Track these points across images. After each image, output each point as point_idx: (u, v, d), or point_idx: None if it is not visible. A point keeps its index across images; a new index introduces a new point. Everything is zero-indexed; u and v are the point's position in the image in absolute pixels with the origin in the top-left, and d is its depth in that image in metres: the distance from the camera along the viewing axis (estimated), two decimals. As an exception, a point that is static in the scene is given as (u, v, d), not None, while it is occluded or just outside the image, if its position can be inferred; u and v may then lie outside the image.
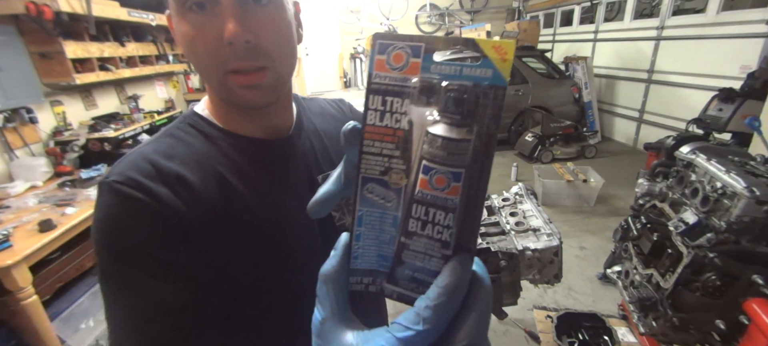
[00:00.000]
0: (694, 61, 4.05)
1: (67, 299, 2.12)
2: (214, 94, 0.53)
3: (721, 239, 1.07)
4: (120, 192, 0.43)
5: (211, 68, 0.46)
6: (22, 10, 2.05)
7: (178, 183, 0.45)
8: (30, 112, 2.33)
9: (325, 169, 0.59)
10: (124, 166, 0.45)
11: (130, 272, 0.42)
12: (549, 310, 2.08)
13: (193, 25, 0.44)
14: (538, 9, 7.27)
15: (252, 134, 0.53)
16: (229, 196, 0.48)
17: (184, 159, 0.48)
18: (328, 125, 0.65)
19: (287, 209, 0.53)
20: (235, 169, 0.50)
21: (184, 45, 0.46)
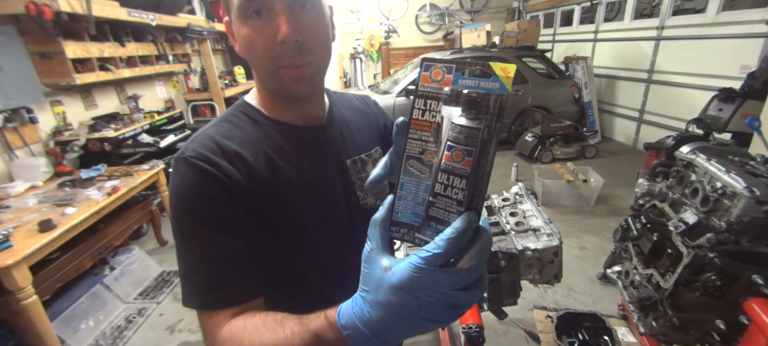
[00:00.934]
0: (694, 61, 4.05)
1: (67, 299, 2.12)
2: (263, 87, 0.63)
3: (721, 239, 1.07)
4: (194, 165, 0.53)
5: (265, 64, 0.56)
6: (22, 10, 2.05)
7: (236, 159, 0.56)
8: (30, 112, 2.33)
9: (353, 154, 0.69)
10: (196, 144, 0.56)
11: (204, 228, 0.52)
12: (549, 310, 2.08)
13: (252, 28, 0.54)
14: (538, 9, 7.27)
15: (292, 121, 0.64)
16: (275, 171, 0.59)
17: (240, 140, 0.58)
18: (355, 117, 0.74)
19: (320, 186, 0.63)
20: (279, 150, 0.61)
21: (244, 45, 0.56)
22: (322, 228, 0.63)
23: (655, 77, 4.61)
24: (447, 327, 1.93)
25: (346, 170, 0.67)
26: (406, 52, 8.10)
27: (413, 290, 0.33)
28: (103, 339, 2.11)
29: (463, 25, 7.23)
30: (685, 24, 4.17)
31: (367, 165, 0.70)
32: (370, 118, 0.78)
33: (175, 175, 0.55)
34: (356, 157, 0.69)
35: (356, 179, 0.68)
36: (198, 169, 0.53)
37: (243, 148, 0.57)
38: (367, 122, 0.77)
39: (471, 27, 6.31)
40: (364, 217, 0.66)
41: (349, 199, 0.67)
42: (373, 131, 0.77)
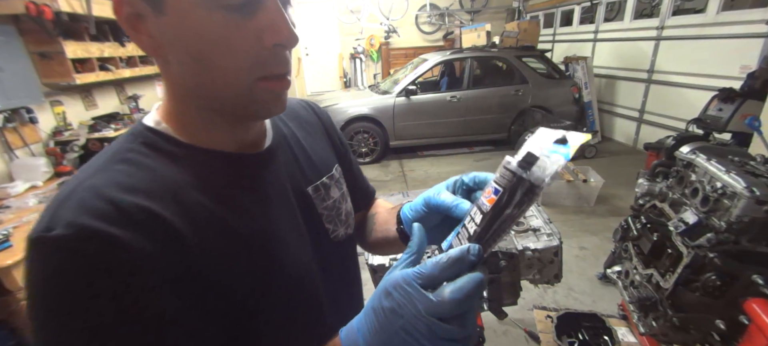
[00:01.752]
0: (694, 61, 4.05)
1: (67, 299, 2.12)
2: (194, 104, 0.42)
3: (721, 239, 1.07)
4: (71, 250, 0.31)
5: (241, 73, 0.38)
6: (22, 10, 2.05)
7: (149, 223, 0.35)
8: (30, 112, 2.33)
9: (314, 179, 0.54)
10: (72, 210, 0.33)
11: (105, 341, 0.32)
12: (549, 310, 2.08)
13: (227, 22, 0.36)
14: (538, 9, 7.27)
15: (226, 149, 0.45)
16: (213, 224, 0.40)
17: (151, 190, 0.37)
18: (304, 131, 0.59)
19: (277, 228, 0.46)
20: (213, 192, 0.41)
21: (201, 44, 0.37)
22: (287, 279, 0.46)
23: (655, 77, 4.61)
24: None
25: (308, 201, 0.53)
26: (406, 52, 8.10)
27: (399, 300, 0.33)
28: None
29: (463, 25, 7.23)
30: (685, 24, 4.17)
31: (330, 189, 0.56)
32: (320, 128, 0.63)
33: (38, 268, 0.32)
34: (318, 183, 0.54)
35: (322, 209, 0.54)
36: (81, 256, 0.31)
37: (157, 203, 0.36)
38: (319, 134, 0.62)
39: (471, 27, 6.31)
40: (337, 251, 0.56)
41: (317, 235, 0.53)
42: (327, 145, 0.62)
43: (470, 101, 4.95)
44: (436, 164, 4.83)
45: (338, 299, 0.49)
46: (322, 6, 7.85)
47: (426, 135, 5.07)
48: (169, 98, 0.44)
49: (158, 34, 0.38)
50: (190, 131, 0.43)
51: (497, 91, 5.03)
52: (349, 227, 0.59)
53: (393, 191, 4.07)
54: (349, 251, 0.58)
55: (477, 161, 4.84)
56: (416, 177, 4.45)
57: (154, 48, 0.39)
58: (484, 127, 5.12)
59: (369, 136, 4.87)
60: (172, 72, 0.41)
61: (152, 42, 0.38)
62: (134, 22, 0.38)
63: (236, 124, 0.45)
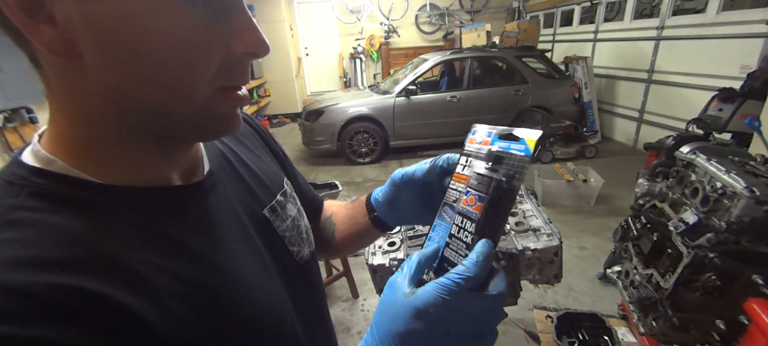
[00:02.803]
0: (694, 61, 4.05)
1: (67, 299, 2.13)
2: (101, 125, 0.32)
3: (721, 239, 1.07)
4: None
5: (198, 80, 0.31)
6: (22, 10, 2.06)
7: (72, 305, 0.24)
8: (30, 112, 2.33)
9: (267, 200, 0.47)
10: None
11: None
12: (549, 310, 2.08)
13: (192, 22, 0.29)
14: (538, 9, 7.27)
15: (157, 183, 0.35)
16: (170, 286, 0.31)
17: (69, 260, 0.26)
18: (245, 146, 0.51)
19: (242, 266, 0.39)
20: (153, 242, 0.32)
21: (166, 44, 0.29)
22: (264, 319, 0.38)
23: (655, 77, 4.61)
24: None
25: (266, 225, 0.46)
26: (406, 52, 8.09)
27: (440, 314, 0.30)
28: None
29: (463, 25, 7.23)
30: (685, 24, 4.17)
31: (286, 207, 0.50)
32: (259, 140, 0.55)
33: None
34: (273, 203, 0.48)
35: (282, 231, 0.48)
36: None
37: (83, 276, 0.26)
38: (260, 147, 0.54)
39: (471, 27, 6.31)
40: (303, 273, 0.50)
41: (281, 261, 0.46)
42: (270, 158, 0.55)
43: (470, 101, 4.95)
44: (436, 164, 4.83)
45: (311, 325, 0.45)
46: (322, 6, 7.85)
47: (426, 135, 5.07)
48: (71, 121, 0.32)
49: (79, 22, 0.26)
50: (104, 166, 0.32)
51: (497, 91, 5.03)
52: (311, 244, 0.53)
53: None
54: (314, 269, 0.53)
55: (477, 161, 4.84)
56: (416, 177, 4.45)
57: (60, 43, 0.27)
58: (484, 127, 5.11)
59: (369, 136, 4.87)
60: (88, 81, 0.29)
61: (57, 35, 0.27)
62: (27, 7, 0.26)
63: (174, 149, 0.36)
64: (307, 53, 8.23)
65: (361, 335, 2.06)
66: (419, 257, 0.35)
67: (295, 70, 7.56)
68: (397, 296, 0.32)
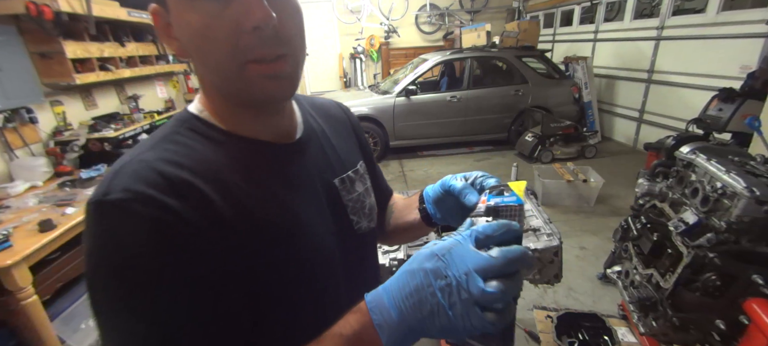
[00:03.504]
0: (694, 61, 4.05)
1: (67, 299, 2.12)
2: (219, 93, 0.47)
3: (721, 239, 1.07)
4: (128, 211, 0.35)
5: (227, 60, 0.40)
6: (22, 10, 2.05)
7: (192, 194, 0.39)
8: (30, 112, 2.33)
9: (340, 172, 0.57)
10: (127, 179, 0.37)
11: (154, 299, 0.36)
12: (549, 310, 2.08)
13: (206, 13, 0.38)
14: (538, 9, 7.27)
15: (262, 137, 0.49)
16: (247, 204, 0.43)
17: (194, 167, 0.41)
18: (333, 127, 0.62)
19: (305, 215, 0.49)
20: (247, 175, 0.45)
21: (194, 37, 0.40)
22: (312, 263, 0.49)
23: (655, 77, 4.61)
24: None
25: (335, 192, 0.56)
26: (406, 52, 8.09)
27: (444, 258, 0.35)
28: (103, 339, 2.10)
29: (463, 25, 7.23)
30: (685, 24, 4.17)
31: (355, 183, 0.59)
32: (346, 126, 0.67)
33: (98, 227, 0.37)
34: (344, 176, 0.58)
35: (347, 200, 0.57)
36: (137, 217, 0.36)
37: (199, 178, 0.41)
38: (347, 132, 0.66)
39: (471, 27, 6.31)
40: (360, 243, 0.58)
41: (341, 225, 0.55)
42: (353, 142, 0.66)
43: (470, 101, 4.95)
44: (436, 164, 4.83)
45: (356, 287, 0.49)
46: (322, 6, 7.85)
47: (426, 135, 5.07)
48: (202, 91, 0.49)
49: (176, 35, 0.42)
50: (227, 120, 0.48)
51: (497, 91, 5.03)
52: (371, 221, 0.62)
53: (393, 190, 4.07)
54: (371, 243, 0.60)
55: (477, 161, 4.84)
56: (416, 177, 4.44)
57: (180, 50, 0.43)
58: (484, 127, 5.12)
59: (369, 136, 4.87)
60: (196, 68, 0.46)
61: (178, 45, 0.43)
62: (167, 30, 0.43)
63: (257, 114, 0.48)
64: (307, 53, 8.18)
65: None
66: None
67: (295, 70, 7.55)
68: (421, 250, 0.38)
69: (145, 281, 0.36)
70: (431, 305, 0.34)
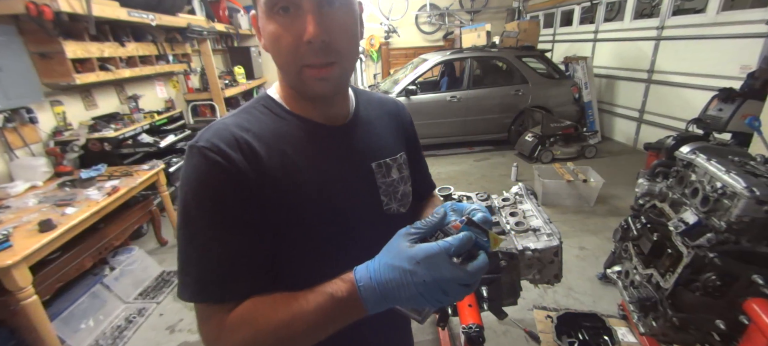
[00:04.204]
0: (694, 61, 4.05)
1: (67, 299, 2.12)
2: (286, 83, 0.61)
3: (721, 239, 1.07)
4: (206, 155, 0.51)
5: (290, 62, 0.54)
6: (22, 10, 2.05)
7: (249, 152, 0.54)
8: (30, 112, 2.33)
9: (378, 157, 0.66)
10: (211, 133, 0.54)
11: (209, 221, 0.51)
12: (549, 310, 2.08)
13: (279, 25, 0.52)
14: (538, 9, 7.27)
15: (315, 119, 0.61)
16: (290, 168, 0.56)
17: (257, 133, 0.56)
18: (382, 119, 0.72)
19: (342, 187, 0.61)
20: (298, 146, 0.58)
21: (270, 42, 0.54)
22: (339, 231, 0.60)
23: (655, 77, 4.61)
24: (447, 327, 1.93)
25: (371, 173, 0.65)
26: (406, 52, 8.09)
27: (424, 264, 0.44)
28: (103, 339, 2.10)
29: (463, 25, 7.23)
30: (685, 24, 4.17)
31: (391, 169, 0.68)
32: (398, 122, 0.76)
33: (188, 163, 0.53)
34: (382, 161, 0.67)
35: (381, 182, 0.66)
36: (210, 161, 0.51)
37: (257, 141, 0.55)
38: (395, 126, 0.74)
39: (471, 27, 6.31)
40: (386, 222, 0.65)
41: (372, 202, 0.65)
42: (399, 136, 0.75)
43: (470, 101, 4.95)
44: (436, 164, 4.83)
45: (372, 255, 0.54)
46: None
47: (426, 135, 5.07)
48: (278, 80, 0.64)
49: (262, 34, 0.56)
50: (292, 103, 0.62)
51: (497, 91, 5.04)
52: (403, 206, 0.70)
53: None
54: (398, 225, 0.61)
55: (477, 161, 4.84)
56: (416, 177, 4.44)
57: (265, 47, 0.57)
58: (484, 127, 5.12)
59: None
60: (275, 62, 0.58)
61: (264, 43, 0.57)
62: (255, 25, 0.58)
63: (316, 102, 0.61)
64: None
65: (361, 335, 2.06)
66: (428, 226, 0.49)
67: (295, 70, 7.55)
68: (402, 243, 0.47)
69: (206, 206, 0.51)
70: (408, 292, 0.45)
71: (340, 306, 0.48)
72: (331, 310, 0.48)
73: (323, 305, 0.48)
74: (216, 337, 0.51)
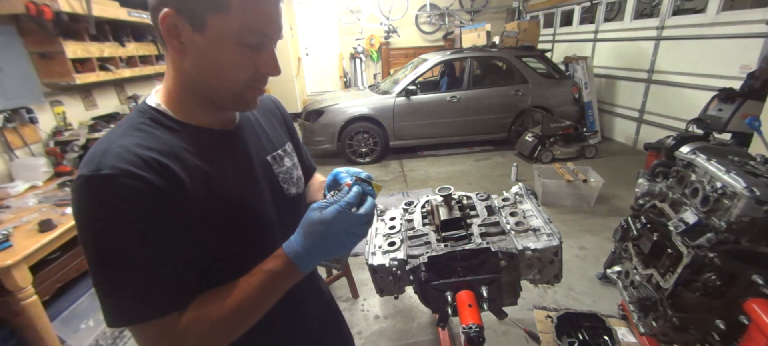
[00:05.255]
0: (694, 61, 4.05)
1: (67, 299, 2.12)
2: (192, 93, 0.61)
3: (721, 239, 1.07)
4: (117, 182, 0.49)
5: (238, 82, 0.59)
6: (22, 10, 2.05)
7: (162, 170, 0.53)
8: (30, 112, 2.33)
9: (271, 151, 0.75)
10: (113, 158, 0.51)
11: (137, 249, 0.51)
12: (549, 310, 2.08)
13: (244, 55, 0.57)
14: (538, 9, 7.27)
15: (208, 126, 0.64)
16: (202, 177, 0.59)
17: (160, 150, 0.55)
18: (263, 116, 0.79)
19: (247, 184, 0.67)
20: (201, 155, 0.60)
21: (217, 62, 0.56)
22: (253, 222, 0.66)
23: (655, 77, 4.61)
24: (447, 327, 1.93)
25: (269, 166, 0.73)
26: (406, 52, 8.09)
27: (335, 221, 0.57)
28: (103, 339, 2.10)
29: (463, 25, 7.24)
30: (685, 24, 4.17)
31: (284, 159, 0.77)
32: (277, 116, 0.84)
33: (91, 196, 0.50)
34: (275, 153, 0.75)
35: (278, 172, 0.74)
36: (124, 187, 0.49)
37: (166, 158, 0.54)
38: (276, 120, 0.83)
39: (471, 27, 6.31)
40: (290, 204, 0.76)
41: (274, 191, 0.73)
42: (282, 128, 0.84)
43: (470, 101, 4.95)
44: (436, 164, 4.83)
45: (288, 237, 0.63)
46: (322, 6, 7.85)
47: (426, 135, 5.07)
48: (172, 87, 0.62)
49: (187, 43, 0.56)
50: (183, 112, 0.62)
51: (497, 91, 5.04)
52: (299, 188, 0.80)
53: (393, 190, 4.06)
54: (300, 205, 0.80)
55: (477, 161, 4.84)
56: (416, 177, 4.45)
57: (178, 51, 0.57)
58: (484, 127, 5.12)
59: (369, 136, 4.87)
60: (185, 70, 0.59)
61: (179, 46, 0.56)
62: (171, 30, 0.55)
63: (220, 110, 0.65)
64: (307, 53, 8.22)
65: (361, 335, 2.06)
66: (331, 200, 0.60)
67: (295, 70, 7.55)
68: (316, 213, 0.58)
69: (132, 235, 0.50)
70: (329, 245, 0.58)
71: (279, 277, 0.58)
72: (273, 282, 0.58)
73: (265, 281, 0.57)
74: (169, 341, 0.53)
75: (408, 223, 1.23)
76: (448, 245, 1.07)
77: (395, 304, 2.26)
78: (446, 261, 1.03)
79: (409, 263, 1.04)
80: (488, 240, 1.07)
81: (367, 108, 4.78)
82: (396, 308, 2.24)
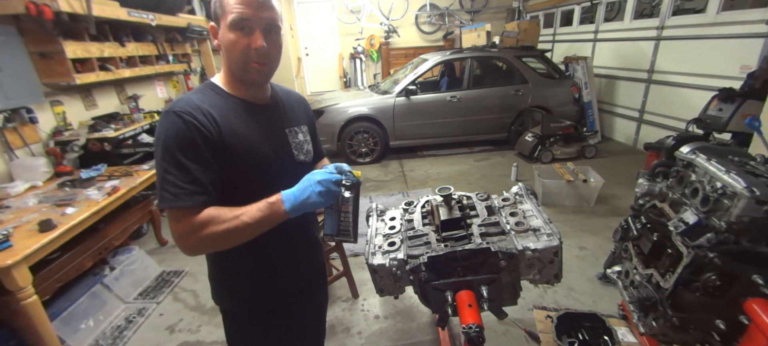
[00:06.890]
0: (694, 61, 4.05)
1: (67, 299, 2.12)
2: (231, 72, 0.91)
3: (721, 239, 1.07)
4: (181, 116, 0.80)
5: (241, 59, 0.85)
6: (22, 10, 2.05)
7: (209, 117, 0.83)
8: (30, 112, 2.33)
9: (288, 126, 1.01)
10: (182, 104, 0.82)
11: (185, 158, 0.79)
12: (549, 310, 2.08)
13: (238, 36, 0.83)
14: (538, 9, 7.27)
15: (247, 98, 0.93)
16: (235, 130, 0.87)
17: (210, 105, 0.85)
18: (291, 103, 1.07)
19: (268, 144, 0.93)
20: (237, 116, 0.89)
21: (228, 45, 0.85)
22: (265, 169, 0.92)
23: (655, 77, 4.61)
24: (447, 328, 1.93)
25: (285, 135, 1.00)
26: (406, 52, 8.10)
27: (322, 181, 0.83)
28: (103, 339, 2.11)
29: (463, 25, 7.23)
30: (685, 24, 4.17)
31: (298, 134, 1.03)
32: (302, 108, 1.12)
33: (166, 121, 0.80)
34: (291, 128, 1.02)
35: (292, 141, 1.01)
36: (184, 119, 0.79)
37: (212, 110, 0.84)
38: (301, 109, 1.10)
39: (471, 27, 6.31)
40: (297, 168, 0.99)
41: (285, 152, 0.99)
42: (303, 116, 1.10)
43: (470, 101, 4.95)
44: (436, 164, 4.83)
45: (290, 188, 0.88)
46: (322, 6, 7.84)
47: (426, 135, 5.07)
48: (222, 70, 0.94)
49: (219, 39, 0.88)
50: (229, 87, 0.92)
51: (497, 91, 5.03)
52: (307, 157, 1.05)
53: (393, 190, 4.06)
54: (304, 170, 0.95)
55: (477, 161, 4.84)
56: (416, 177, 4.44)
57: (217, 46, 0.89)
58: (484, 127, 5.12)
59: (369, 136, 4.87)
60: (224, 57, 0.89)
61: (217, 43, 0.88)
62: (214, 33, 0.89)
63: (248, 87, 0.93)
64: (307, 53, 8.22)
65: (361, 335, 2.06)
66: (327, 172, 0.86)
67: (295, 70, 7.55)
68: (310, 175, 0.85)
69: (183, 148, 0.79)
70: (313, 197, 0.82)
71: (271, 209, 0.81)
72: (266, 212, 0.81)
73: (261, 208, 0.81)
74: (187, 232, 0.79)
75: (408, 223, 1.23)
76: (448, 245, 1.07)
77: (395, 304, 2.26)
78: (446, 261, 1.03)
79: (409, 263, 1.04)
80: (488, 240, 1.07)
81: (367, 108, 4.78)
82: (396, 308, 2.24)
